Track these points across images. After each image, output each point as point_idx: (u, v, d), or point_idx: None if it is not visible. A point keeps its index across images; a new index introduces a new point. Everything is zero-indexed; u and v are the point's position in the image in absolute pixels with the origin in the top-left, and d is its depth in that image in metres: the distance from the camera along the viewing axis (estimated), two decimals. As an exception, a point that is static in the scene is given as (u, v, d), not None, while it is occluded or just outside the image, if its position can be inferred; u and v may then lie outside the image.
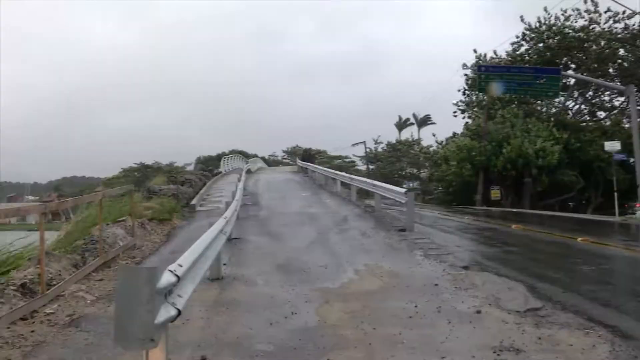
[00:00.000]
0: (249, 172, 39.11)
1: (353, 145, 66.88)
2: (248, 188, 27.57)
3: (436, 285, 7.37)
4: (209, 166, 50.47)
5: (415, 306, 6.23)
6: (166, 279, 3.77)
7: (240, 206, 16.48)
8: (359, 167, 67.70)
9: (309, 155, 57.06)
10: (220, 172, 39.07)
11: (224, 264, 8.89)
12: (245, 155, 55.33)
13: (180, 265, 4.36)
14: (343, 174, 26.79)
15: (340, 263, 9.29)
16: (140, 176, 49.57)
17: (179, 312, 3.81)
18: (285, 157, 79.24)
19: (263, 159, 63.93)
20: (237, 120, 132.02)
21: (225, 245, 9.01)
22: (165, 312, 3.61)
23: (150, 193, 19.26)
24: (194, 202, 21.13)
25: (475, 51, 36.47)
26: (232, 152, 55.01)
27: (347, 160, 70.82)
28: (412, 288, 7.22)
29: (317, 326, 5.61)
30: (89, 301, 7.01)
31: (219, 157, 53.34)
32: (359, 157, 68.54)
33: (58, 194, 68.32)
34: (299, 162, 46.08)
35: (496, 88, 26.32)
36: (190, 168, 55.12)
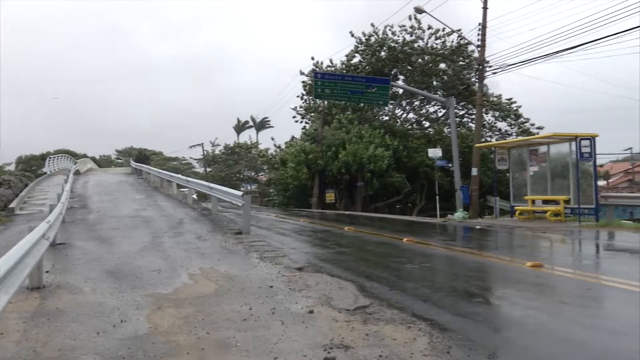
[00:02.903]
0: (77, 173, 36.98)
1: (191, 147, 65.92)
2: (76, 190, 26.04)
3: (271, 287, 7.46)
4: (32, 166, 46.84)
5: (250, 308, 6.25)
6: (-26, 289, 3.42)
7: (66, 209, 15.48)
8: (197, 170, 66.71)
9: (143, 156, 55.20)
10: (45, 173, 36.51)
11: (47, 272, 8.28)
12: (74, 155, 52.04)
13: (-8, 275, 3.97)
14: (179, 176, 26.32)
15: (175, 267, 9.07)
16: (-52, 177, 44.50)
17: (-10, 326, 3.47)
18: (118, 158, 75.78)
19: (94, 159, 60.47)
20: (66, 118, 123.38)
21: (48, 251, 8.41)
22: (-27, 327, 3.27)
23: (-41, 195, 17.41)
24: (13, 205, 19.49)
25: (312, 58, 37.85)
26: (59, 151, 51.42)
27: (183, 162, 69.47)
28: (247, 291, 7.24)
29: (148, 333, 5.41)
30: None
31: (43, 157, 49.77)
32: (196, 159, 67.60)
33: None
34: (133, 164, 44.48)
35: (330, 95, 27.38)
36: (10, 168, 50.61)
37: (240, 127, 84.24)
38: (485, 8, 24.43)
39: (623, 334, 5.24)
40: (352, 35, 35.56)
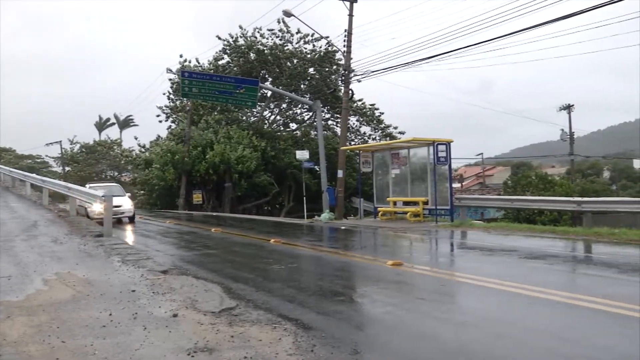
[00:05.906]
0: None
1: (47, 144, 61.90)
2: None
3: (133, 291, 7.19)
4: None
5: (110, 314, 5.99)
6: None
7: None
8: (55, 169, 62.73)
9: (-8, 154, 50.89)
10: None
11: None
12: None
13: None
14: (34, 175, 24.79)
15: (27, 273, 8.47)
16: None
17: None
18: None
19: None
20: None
21: None
22: None
23: None
24: None
25: (180, 56, 37.01)
26: None
27: (38, 160, 64.99)
28: (107, 296, 6.92)
29: (-5, 345, 5.01)
30: None
31: None
32: (54, 158, 63.50)
33: None
34: (-21, 162, 41.04)
35: (198, 95, 26.94)
36: None
37: (102, 125, 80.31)
38: (350, 15, 25.20)
39: (473, 326, 5.64)
40: (219, 39, 35.51)
